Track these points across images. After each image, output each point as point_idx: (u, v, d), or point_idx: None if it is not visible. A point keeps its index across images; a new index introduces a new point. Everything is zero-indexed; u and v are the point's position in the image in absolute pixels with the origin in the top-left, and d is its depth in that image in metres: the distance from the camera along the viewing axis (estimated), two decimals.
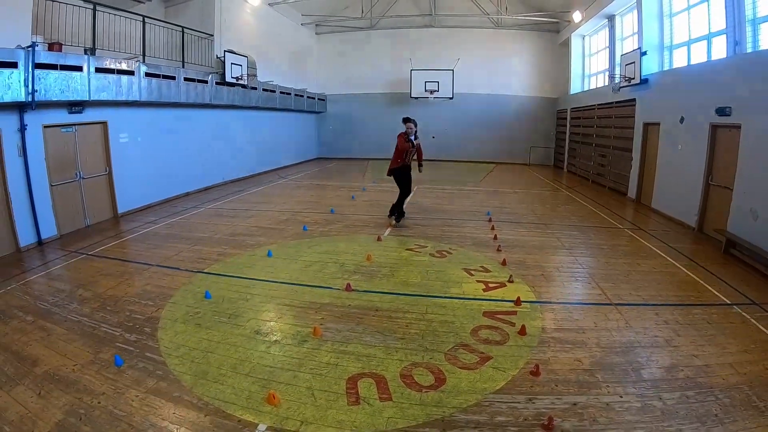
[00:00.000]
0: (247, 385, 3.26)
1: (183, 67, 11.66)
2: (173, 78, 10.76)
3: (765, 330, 4.13)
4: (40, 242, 7.85)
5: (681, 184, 8.35)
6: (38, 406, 3.06)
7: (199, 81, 11.65)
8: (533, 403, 3.02)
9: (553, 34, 19.00)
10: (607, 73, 13.69)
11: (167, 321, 4.37)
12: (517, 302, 4.62)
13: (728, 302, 4.76)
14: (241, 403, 3.06)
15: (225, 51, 12.60)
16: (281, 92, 16.46)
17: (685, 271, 5.79)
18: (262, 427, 2.83)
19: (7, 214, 7.36)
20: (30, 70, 7.20)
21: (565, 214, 9.58)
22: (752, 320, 4.33)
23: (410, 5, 19.70)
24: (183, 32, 12.02)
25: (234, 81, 12.52)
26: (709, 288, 5.17)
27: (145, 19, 10.81)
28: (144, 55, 10.61)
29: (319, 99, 20.56)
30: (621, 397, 3.08)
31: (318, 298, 4.82)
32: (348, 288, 5.06)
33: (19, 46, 7.10)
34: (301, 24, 19.53)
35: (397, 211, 8.58)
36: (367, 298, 4.84)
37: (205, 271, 5.79)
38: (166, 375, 3.44)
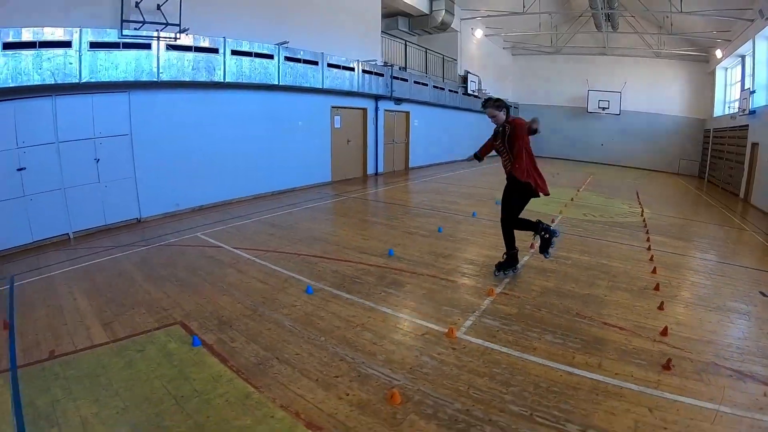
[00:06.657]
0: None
1: (443, 81, 19.01)
2: (443, 89, 18.08)
3: None
4: (376, 174, 15.57)
5: None
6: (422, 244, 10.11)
7: (454, 92, 18.89)
8: (644, 226, 9.41)
9: (704, 63, 22.46)
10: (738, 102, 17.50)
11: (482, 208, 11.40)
12: (642, 213, 10.89)
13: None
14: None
15: (466, 71, 19.68)
16: None
17: (739, 222, 11.34)
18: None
19: (362, 156, 15.12)
20: (390, 78, 14.66)
21: (684, 196, 15.24)
22: None
23: (588, 38, 24.55)
24: (443, 59, 19.33)
25: (472, 93, 19.57)
26: (745, 228, 10.80)
27: (427, 50, 18.31)
28: (426, 72, 18.07)
29: (514, 107, 26.56)
30: (684, 250, 9.29)
31: (550, 213, 11.52)
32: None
33: (377, 64, 14.32)
34: (503, 48, 25.95)
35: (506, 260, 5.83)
36: (574, 213, 11.43)
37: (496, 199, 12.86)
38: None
